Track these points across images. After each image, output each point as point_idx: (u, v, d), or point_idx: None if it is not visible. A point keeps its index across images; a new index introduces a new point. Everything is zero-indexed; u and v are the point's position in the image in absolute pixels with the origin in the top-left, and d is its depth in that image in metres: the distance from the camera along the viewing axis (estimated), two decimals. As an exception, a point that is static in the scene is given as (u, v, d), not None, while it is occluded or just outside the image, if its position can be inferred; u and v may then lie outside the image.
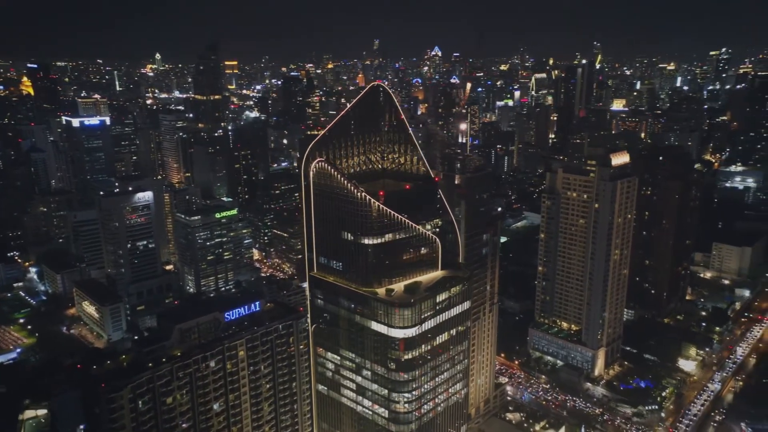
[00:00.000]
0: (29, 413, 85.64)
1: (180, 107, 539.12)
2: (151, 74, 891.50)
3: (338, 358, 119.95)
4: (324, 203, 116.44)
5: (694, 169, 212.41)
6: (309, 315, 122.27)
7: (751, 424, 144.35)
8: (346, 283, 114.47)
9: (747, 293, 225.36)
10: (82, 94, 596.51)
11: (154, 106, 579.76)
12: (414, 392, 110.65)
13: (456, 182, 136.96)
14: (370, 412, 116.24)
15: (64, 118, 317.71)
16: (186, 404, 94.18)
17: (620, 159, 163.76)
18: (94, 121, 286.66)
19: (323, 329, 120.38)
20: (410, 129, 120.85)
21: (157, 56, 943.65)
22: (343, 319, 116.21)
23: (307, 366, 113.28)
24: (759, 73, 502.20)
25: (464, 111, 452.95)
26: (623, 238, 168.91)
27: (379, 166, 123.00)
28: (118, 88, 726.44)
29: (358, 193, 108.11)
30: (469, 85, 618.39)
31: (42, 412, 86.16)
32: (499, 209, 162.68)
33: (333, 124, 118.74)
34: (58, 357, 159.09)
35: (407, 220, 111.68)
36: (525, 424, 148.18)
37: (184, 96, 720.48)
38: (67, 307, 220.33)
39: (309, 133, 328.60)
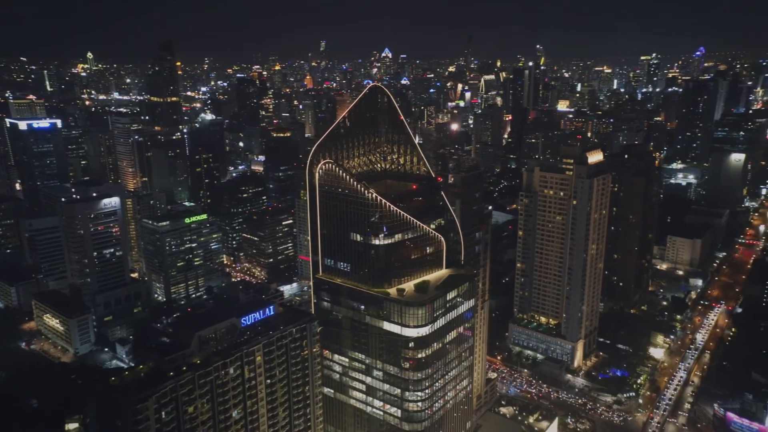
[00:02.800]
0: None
1: (122, 109, 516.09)
2: (83, 74, 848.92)
3: (346, 359, 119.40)
4: (330, 205, 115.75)
5: (656, 167, 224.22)
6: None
7: (723, 404, 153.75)
8: (355, 285, 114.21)
9: (700, 282, 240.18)
10: (7, 94, 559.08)
11: (92, 108, 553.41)
12: (426, 390, 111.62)
13: (449, 181, 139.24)
14: (381, 413, 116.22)
15: (8, 120, 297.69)
16: (207, 413, 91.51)
17: (595, 157, 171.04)
18: (44, 123, 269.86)
19: (329, 331, 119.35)
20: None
21: (89, 55, 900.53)
22: (352, 321, 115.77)
23: (319, 369, 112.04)
24: (684, 78, 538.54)
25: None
26: (599, 233, 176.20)
27: (380, 167, 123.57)
28: (48, 89, 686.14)
29: (369, 194, 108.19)
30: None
31: (74, 426, 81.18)
32: (490, 207, 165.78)
33: (333, 127, 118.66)
34: (30, 373, 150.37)
35: (415, 220, 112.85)
36: (519, 417, 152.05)
37: (126, 97, 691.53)
38: (24, 321, 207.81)
39: (275, 135, 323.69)
